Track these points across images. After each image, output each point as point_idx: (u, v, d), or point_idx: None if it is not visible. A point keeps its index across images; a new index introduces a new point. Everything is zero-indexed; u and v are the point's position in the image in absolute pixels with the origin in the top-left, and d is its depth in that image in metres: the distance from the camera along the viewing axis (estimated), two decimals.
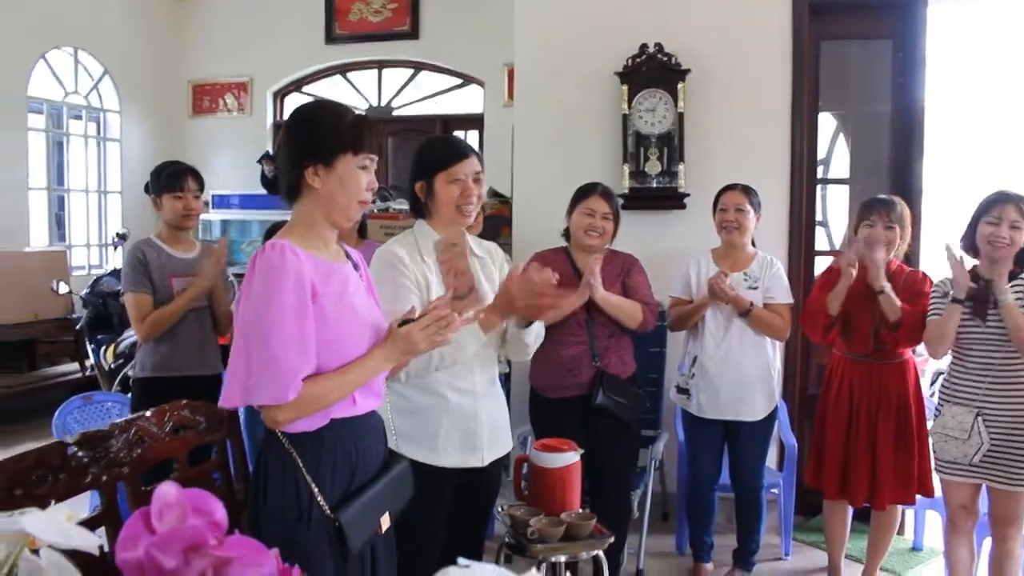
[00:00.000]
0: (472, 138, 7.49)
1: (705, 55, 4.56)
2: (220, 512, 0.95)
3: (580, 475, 2.76)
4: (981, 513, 3.49)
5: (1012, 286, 3.26)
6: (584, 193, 3.65)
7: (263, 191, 3.05)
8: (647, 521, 4.07)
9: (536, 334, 2.68)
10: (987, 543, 3.51)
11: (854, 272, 3.52)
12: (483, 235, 4.12)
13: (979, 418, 3.25)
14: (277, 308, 1.85)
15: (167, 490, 0.93)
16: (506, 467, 2.93)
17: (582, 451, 2.77)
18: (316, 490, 1.92)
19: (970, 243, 3.37)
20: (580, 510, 2.72)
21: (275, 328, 1.84)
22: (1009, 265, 3.27)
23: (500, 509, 2.82)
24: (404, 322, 2.03)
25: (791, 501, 4.20)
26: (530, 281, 2.41)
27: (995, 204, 3.28)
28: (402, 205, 5.65)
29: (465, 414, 2.60)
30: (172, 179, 3.68)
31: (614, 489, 3.58)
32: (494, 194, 5.65)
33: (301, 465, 1.93)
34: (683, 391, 3.86)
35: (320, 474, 1.94)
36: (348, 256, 2.15)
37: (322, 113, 2.04)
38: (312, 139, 1.99)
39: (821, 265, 4.58)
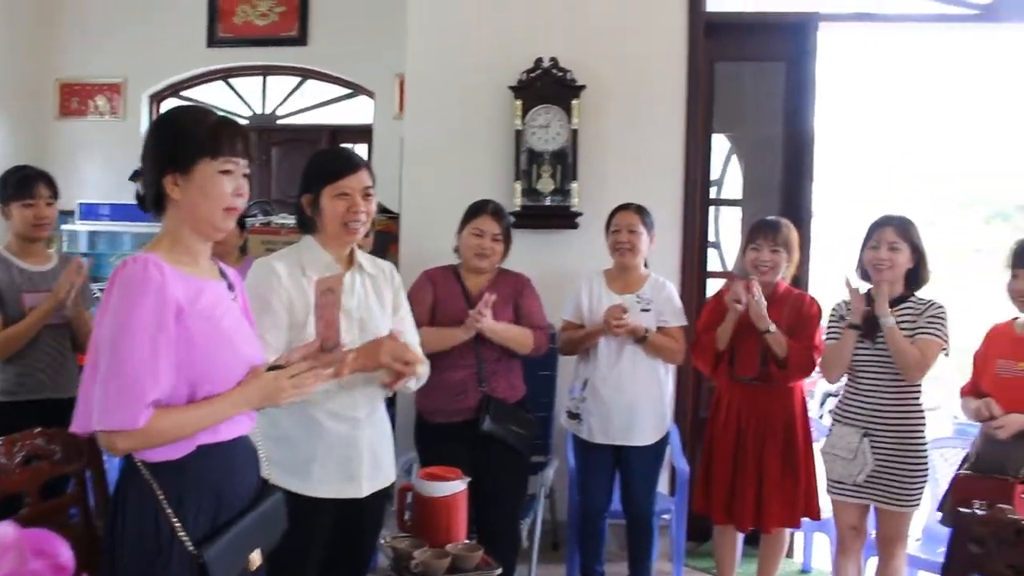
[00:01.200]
0: (361, 151, 7.28)
1: (601, 72, 4.49)
2: (65, 554, 0.80)
3: (466, 504, 2.62)
4: (869, 533, 3.52)
5: (901, 309, 3.31)
6: (474, 212, 3.55)
7: (135, 201, 2.84)
8: (537, 551, 3.96)
9: (420, 380, 2.61)
10: (872, 562, 3.55)
11: (740, 308, 3.49)
12: (373, 252, 3.97)
13: (865, 439, 3.32)
14: (133, 326, 1.72)
15: (4, 531, 0.78)
16: (390, 497, 2.78)
17: (469, 479, 2.62)
18: (178, 524, 1.77)
19: (862, 269, 3.41)
20: (466, 541, 2.58)
21: (129, 348, 1.71)
22: (890, 287, 3.33)
23: (383, 541, 2.66)
24: (273, 366, 1.92)
25: (682, 526, 4.14)
26: (403, 350, 2.42)
27: (875, 229, 3.38)
28: (285, 220, 5.41)
29: (343, 441, 2.48)
30: (21, 186, 3.38)
31: (502, 518, 3.45)
32: (382, 210, 5.46)
33: (161, 496, 1.77)
34: (574, 416, 3.76)
35: (183, 506, 1.79)
36: (223, 274, 2.01)
37: (179, 118, 1.91)
38: (169, 146, 1.87)
39: (713, 286, 4.56)
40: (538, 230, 4.45)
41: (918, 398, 3.35)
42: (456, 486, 2.60)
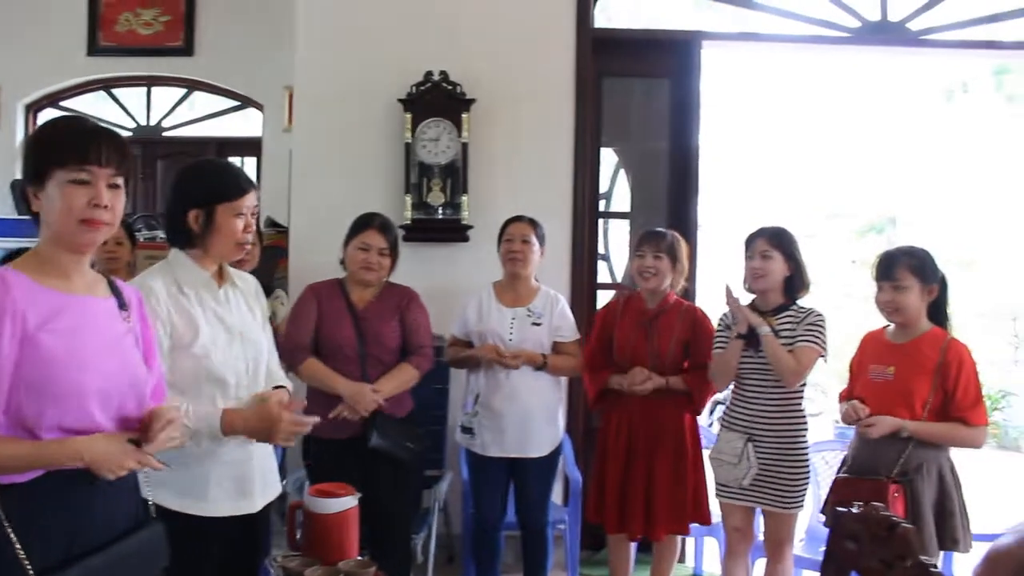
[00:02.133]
0: (249, 164, 7.13)
1: (491, 86, 4.52)
2: None
3: (358, 520, 2.58)
4: (756, 536, 3.61)
5: (782, 317, 3.43)
6: (360, 226, 3.51)
7: (11, 214, 2.73)
8: (432, 565, 3.94)
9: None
10: (761, 563, 3.64)
11: (639, 391, 3.58)
12: (260, 267, 3.91)
13: (749, 443, 3.41)
14: None
15: None
16: (282, 514, 2.73)
17: (360, 495, 2.59)
18: (20, 550, 1.66)
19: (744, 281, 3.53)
20: (359, 557, 2.54)
21: None
22: (768, 296, 3.46)
23: (274, 561, 2.60)
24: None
25: (577, 536, 4.17)
26: (293, 424, 2.41)
27: (750, 241, 3.50)
28: None
29: (237, 458, 2.42)
30: None
31: (395, 534, 3.43)
32: (272, 223, 5.38)
33: (5, 521, 1.66)
34: (467, 430, 3.75)
35: (29, 531, 1.67)
36: (117, 291, 1.92)
37: (42, 128, 1.85)
38: (28, 158, 1.80)
39: (604, 298, 4.62)
40: (429, 243, 4.45)
41: (800, 404, 3.47)
42: (347, 502, 2.56)
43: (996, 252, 10.73)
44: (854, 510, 2.15)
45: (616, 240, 4.97)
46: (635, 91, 4.87)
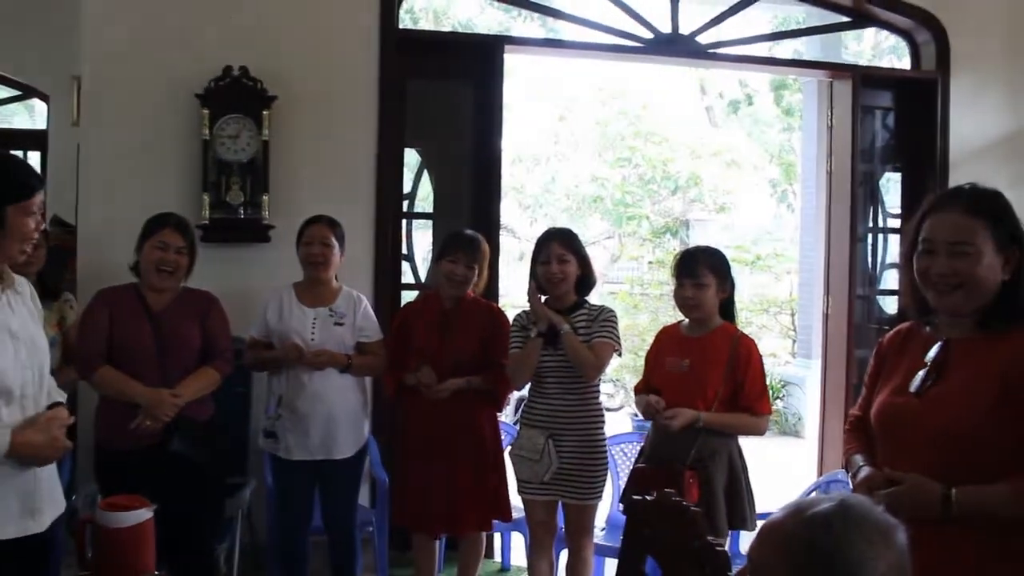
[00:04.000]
0: (33, 159, 6.67)
1: (293, 83, 4.42)
2: None
3: (153, 534, 2.48)
4: (559, 528, 3.72)
5: (577, 315, 3.56)
6: (156, 225, 3.38)
7: None
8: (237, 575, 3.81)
9: None
10: (564, 555, 3.74)
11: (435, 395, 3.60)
12: (48, 268, 3.67)
13: (550, 440, 3.50)
14: None
15: None
16: (73, 532, 2.57)
17: (155, 506, 2.48)
18: None
19: (538, 282, 3.62)
20: (156, 573, 2.44)
21: None
22: (564, 297, 3.57)
23: None
24: None
25: (385, 538, 4.15)
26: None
27: (542, 244, 3.61)
28: None
29: (21, 475, 2.26)
30: None
31: (195, 546, 3.31)
32: (59, 222, 5.04)
33: None
34: (270, 434, 3.66)
35: None
36: None
37: None
38: None
39: (408, 298, 4.63)
40: (228, 244, 4.31)
41: (597, 399, 3.62)
42: (141, 515, 2.45)
43: (775, 252, 11.54)
44: (649, 498, 2.27)
45: (419, 240, 5.00)
46: (440, 93, 4.89)
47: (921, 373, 2.01)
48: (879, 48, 9.62)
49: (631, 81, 13.02)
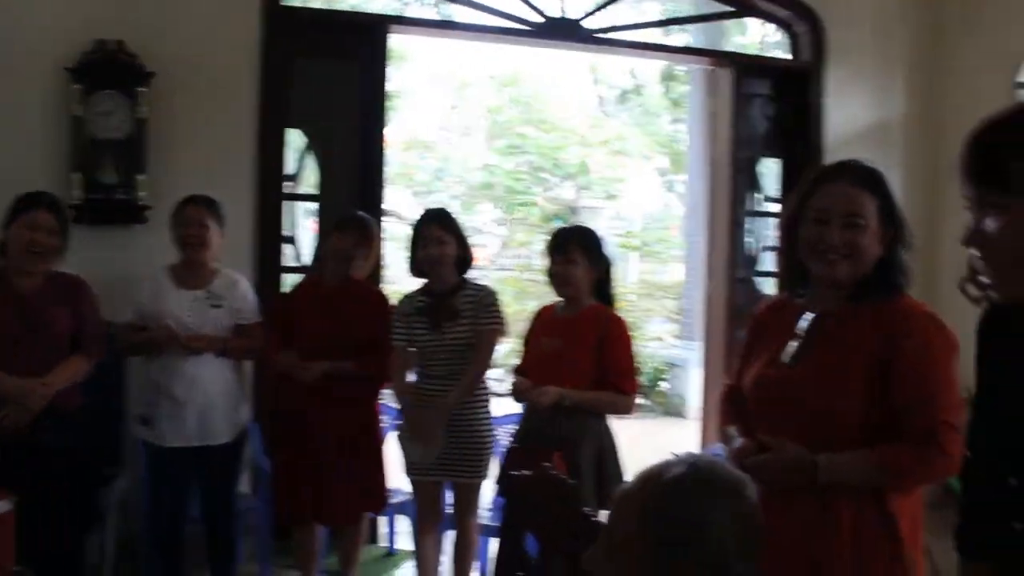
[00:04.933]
0: None
1: (172, 60, 4.25)
2: None
3: (13, 528, 2.37)
4: (445, 510, 3.72)
5: (463, 297, 3.58)
6: (25, 205, 3.22)
7: None
8: (112, 568, 3.72)
9: None
10: (451, 536, 3.75)
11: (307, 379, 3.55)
12: None
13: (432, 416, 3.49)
14: None
15: None
16: None
17: (15, 499, 2.37)
18: None
19: (418, 267, 3.63)
20: (16, 568, 2.33)
21: None
22: (446, 278, 3.57)
23: None
24: None
25: (267, 526, 4.06)
26: None
27: (420, 228, 3.61)
28: None
29: None
30: None
31: (61, 539, 3.15)
32: None
33: None
34: (145, 421, 3.55)
35: None
36: None
37: None
38: None
39: (291, 281, 4.51)
40: (102, 225, 4.12)
41: (483, 379, 3.62)
42: None
43: (661, 239, 11.82)
44: (527, 473, 2.28)
45: (303, 222, 4.90)
46: (326, 73, 4.76)
47: (794, 344, 2.06)
48: (765, 43, 9.89)
49: (523, 69, 13.08)
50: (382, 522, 4.59)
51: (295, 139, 4.77)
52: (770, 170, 5.59)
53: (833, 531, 1.93)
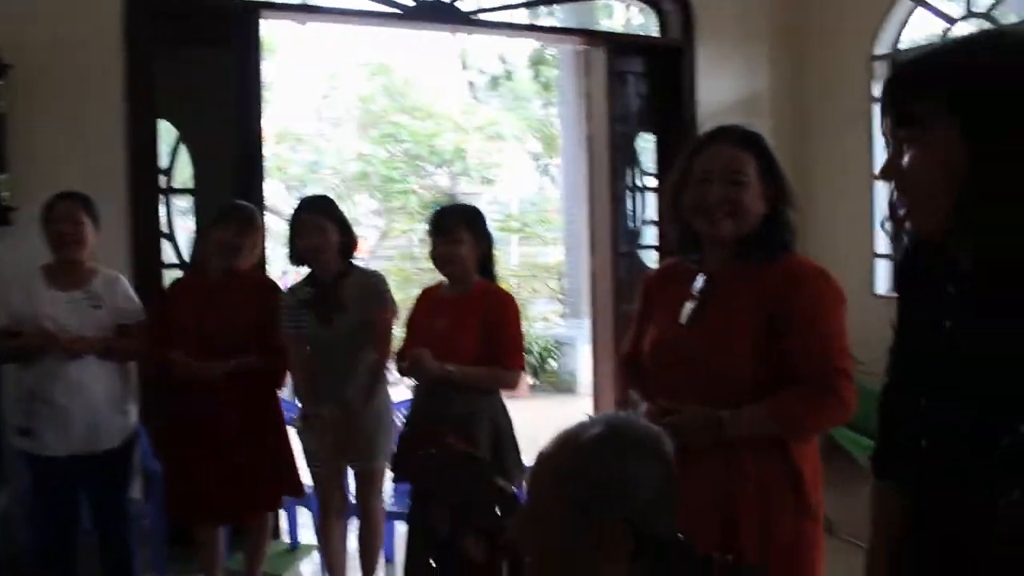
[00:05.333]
0: None
1: (33, 52, 4.01)
2: None
3: None
4: (348, 498, 3.69)
5: (349, 283, 3.53)
6: None
7: None
8: None
9: None
10: (355, 526, 3.72)
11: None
12: None
13: (334, 409, 3.44)
14: None
15: None
16: None
17: None
18: None
19: (298, 256, 3.56)
20: None
21: None
22: (330, 266, 3.51)
23: None
24: None
25: (162, 531, 3.95)
26: None
27: (298, 217, 3.54)
28: None
29: None
30: None
31: None
32: None
33: None
34: (25, 431, 3.36)
35: None
36: None
37: None
38: None
39: (169, 277, 4.34)
40: None
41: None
42: None
43: (540, 220, 11.95)
44: (433, 452, 2.26)
45: (181, 217, 4.73)
46: (196, 61, 4.58)
47: (689, 305, 2.12)
48: (629, 25, 10.09)
49: (392, 57, 12.97)
50: (283, 516, 4.49)
51: (167, 132, 4.59)
52: (647, 145, 5.72)
53: (739, 486, 2.00)
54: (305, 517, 4.42)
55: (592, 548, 1.29)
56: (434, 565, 2.11)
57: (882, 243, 5.58)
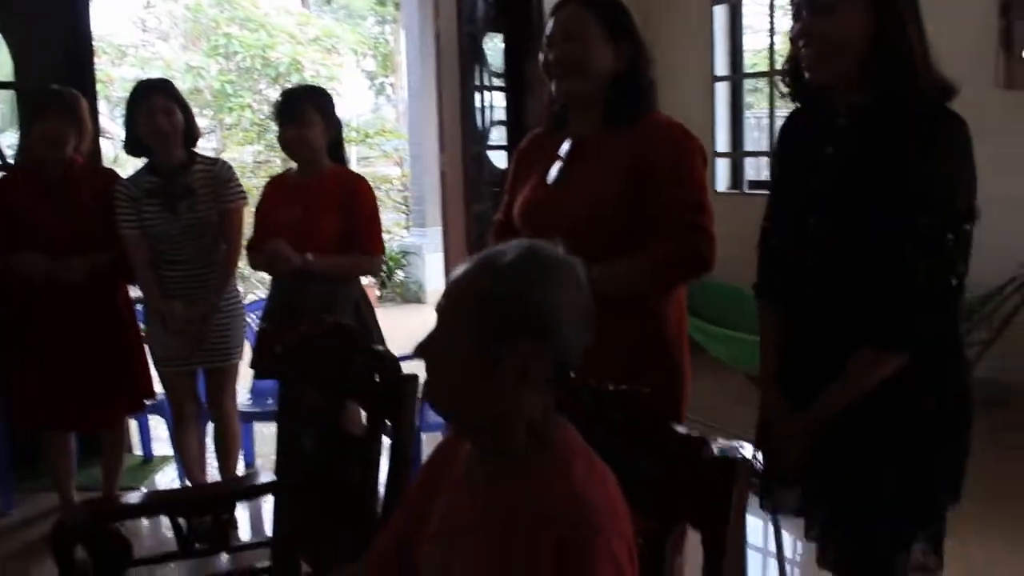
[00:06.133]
0: None
1: None
2: None
3: None
4: (202, 402, 3.55)
5: (196, 174, 3.33)
6: None
7: None
8: None
9: None
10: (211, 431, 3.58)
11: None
12: None
13: (184, 307, 3.28)
14: None
15: None
16: None
17: None
18: None
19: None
20: None
21: None
22: (175, 154, 3.31)
23: None
24: None
25: (5, 446, 3.74)
26: None
27: (140, 99, 3.28)
28: None
29: None
30: None
31: None
32: None
33: None
34: None
35: None
36: None
37: None
38: None
39: None
40: None
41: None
42: None
43: (382, 130, 11.79)
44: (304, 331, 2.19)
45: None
46: None
47: (557, 165, 2.15)
48: None
49: None
50: (133, 427, 4.30)
51: None
52: (494, 47, 5.68)
53: (607, 341, 2.05)
54: (158, 430, 4.26)
55: (512, 377, 1.23)
56: (311, 453, 2.04)
57: (722, 142, 5.81)
